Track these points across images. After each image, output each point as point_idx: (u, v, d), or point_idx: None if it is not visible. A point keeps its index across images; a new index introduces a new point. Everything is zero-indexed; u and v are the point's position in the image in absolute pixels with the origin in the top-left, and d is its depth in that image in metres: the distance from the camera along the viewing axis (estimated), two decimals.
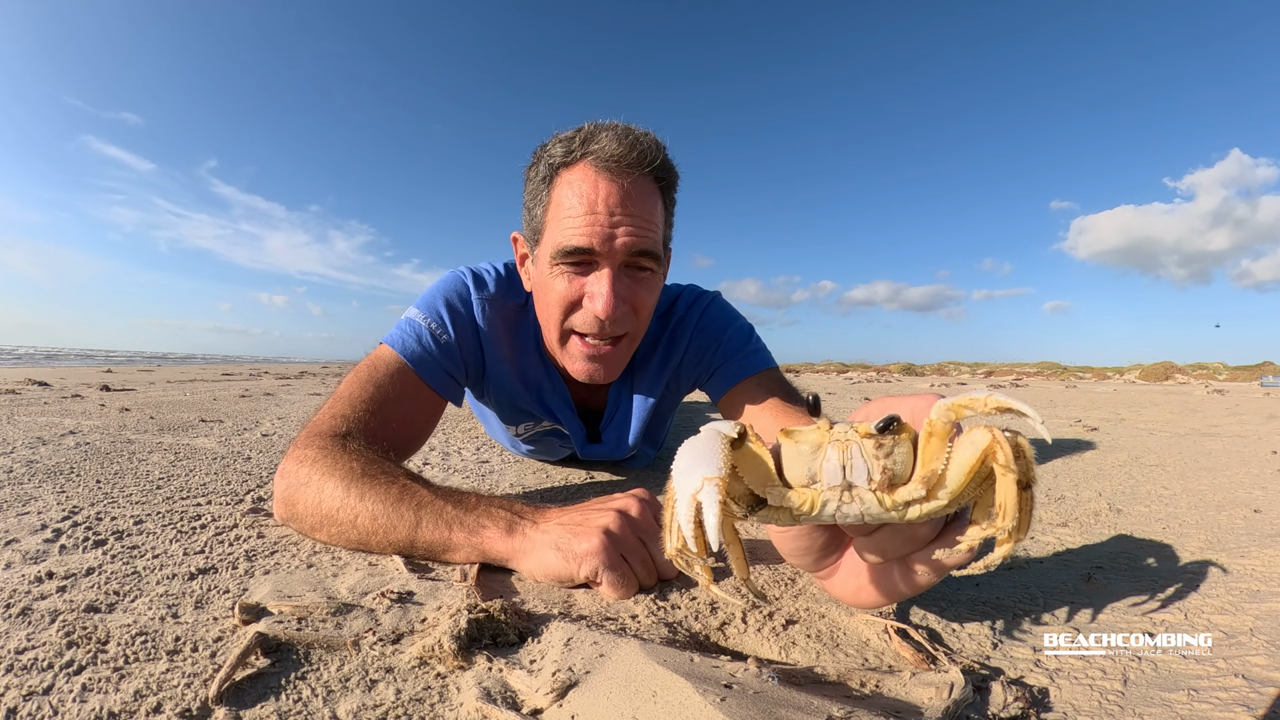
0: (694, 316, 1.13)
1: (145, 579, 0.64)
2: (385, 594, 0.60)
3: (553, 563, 0.65)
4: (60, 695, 0.43)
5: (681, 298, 1.16)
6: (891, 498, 0.42)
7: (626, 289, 0.93)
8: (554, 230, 0.92)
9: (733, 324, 1.13)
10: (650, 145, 0.91)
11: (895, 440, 0.42)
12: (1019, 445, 0.40)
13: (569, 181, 0.91)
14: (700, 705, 0.39)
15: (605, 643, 0.50)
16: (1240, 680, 0.47)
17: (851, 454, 0.42)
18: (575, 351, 0.98)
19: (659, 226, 0.94)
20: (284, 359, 45.41)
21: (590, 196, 0.89)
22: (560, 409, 1.15)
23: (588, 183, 0.89)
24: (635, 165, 0.89)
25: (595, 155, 0.89)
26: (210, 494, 1.01)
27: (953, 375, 16.96)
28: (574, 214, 0.89)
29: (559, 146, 0.93)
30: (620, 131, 0.91)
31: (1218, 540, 0.86)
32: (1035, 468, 0.41)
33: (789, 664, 0.50)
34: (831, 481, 0.43)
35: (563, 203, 0.91)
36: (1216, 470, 1.45)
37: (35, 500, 0.93)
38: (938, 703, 0.44)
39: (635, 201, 0.90)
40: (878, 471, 0.42)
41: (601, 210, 0.88)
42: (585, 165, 0.90)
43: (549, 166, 0.94)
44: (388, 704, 0.43)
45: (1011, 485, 0.40)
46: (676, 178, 0.99)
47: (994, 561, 0.42)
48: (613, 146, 0.88)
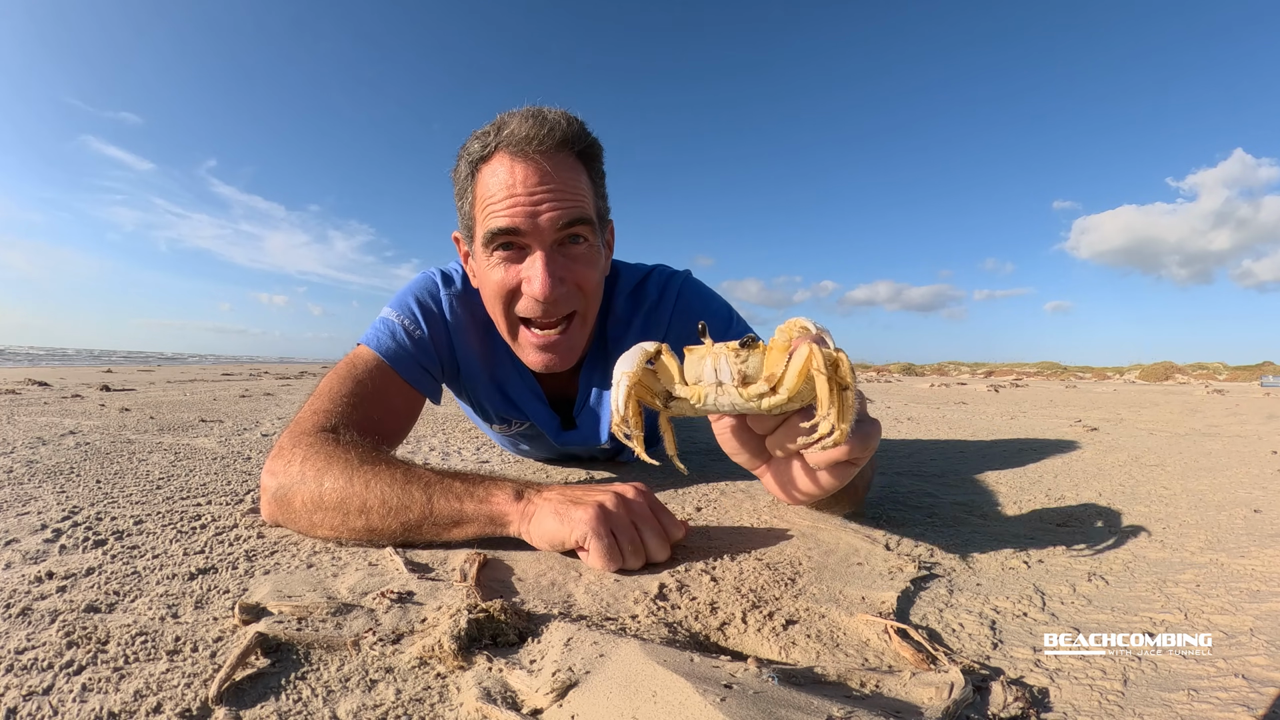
0: (670, 298, 1.12)
1: (145, 579, 0.64)
2: (385, 594, 0.60)
3: (550, 526, 0.71)
4: (60, 695, 0.43)
5: (652, 278, 1.15)
6: (747, 391, 0.60)
7: (562, 267, 0.93)
8: (481, 221, 0.94)
9: (709, 305, 1.14)
10: (560, 120, 0.92)
11: (750, 352, 0.60)
12: (836, 357, 0.56)
13: (490, 172, 0.93)
14: (700, 705, 0.39)
15: (605, 643, 0.50)
16: (1240, 680, 0.47)
17: (720, 362, 0.60)
18: (526, 343, 0.99)
19: (586, 196, 0.95)
20: (287, 359, 45.41)
21: (508, 180, 0.91)
22: (528, 401, 1.15)
23: (504, 168, 0.91)
24: (548, 142, 0.90)
25: (507, 141, 0.91)
26: (210, 494, 1.01)
27: (952, 375, 16.96)
28: (495, 199, 0.91)
29: (475, 143, 0.95)
30: (529, 113, 0.92)
31: (1218, 540, 0.86)
32: (852, 375, 0.56)
33: (789, 664, 0.50)
34: (708, 380, 0.61)
35: (485, 193, 0.93)
36: (1216, 470, 1.45)
37: (35, 500, 0.93)
38: (938, 703, 0.44)
39: (555, 177, 0.91)
40: (736, 373, 0.60)
41: (521, 191, 0.90)
42: (501, 154, 0.92)
43: (469, 164, 0.96)
44: (388, 704, 0.43)
45: (824, 383, 0.55)
46: (599, 149, 0.99)
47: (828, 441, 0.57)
48: (523, 129, 0.90)
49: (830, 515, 0.94)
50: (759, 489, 1.16)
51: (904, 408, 3.52)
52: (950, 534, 0.89)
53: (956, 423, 2.63)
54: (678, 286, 1.13)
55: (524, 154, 0.90)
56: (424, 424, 1.96)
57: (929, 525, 0.93)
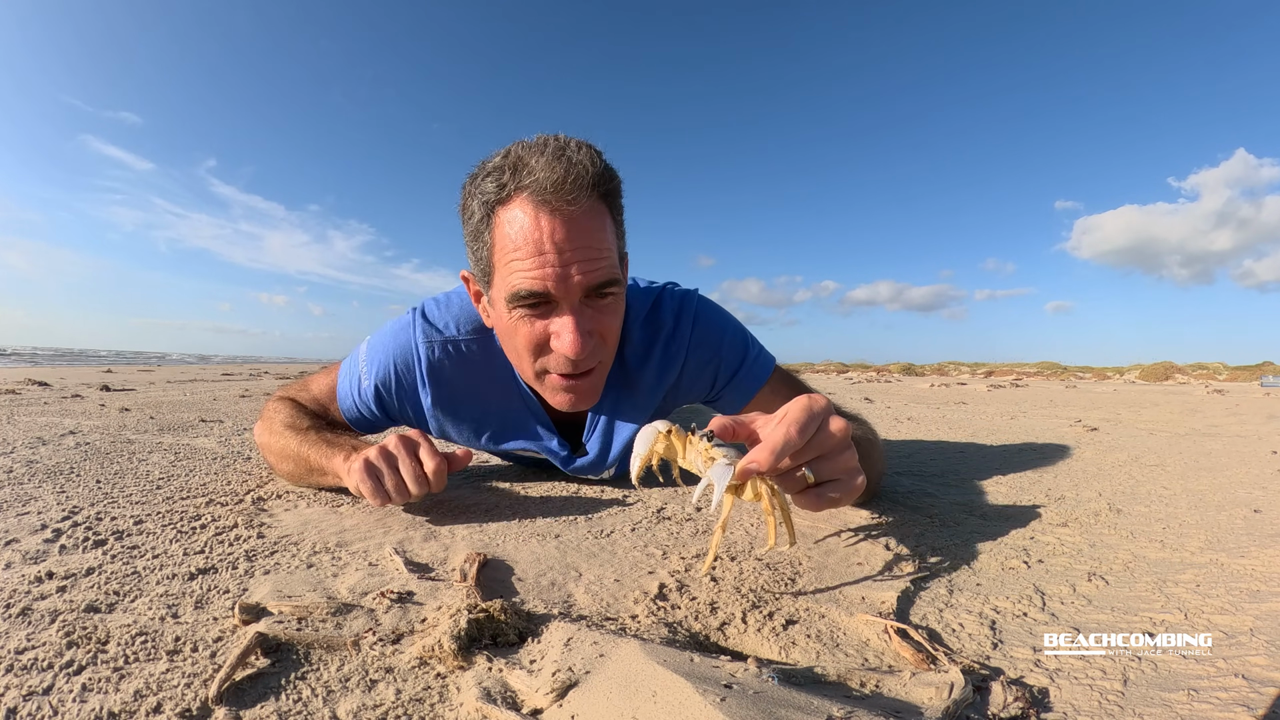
0: (686, 326, 1.07)
1: (145, 579, 0.64)
2: (385, 594, 0.60)
3: (348, 481, 0.90)
4: (60, 695, 0.43)
5: (665, 303, 1.09)
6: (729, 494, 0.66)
7: (591, 321, 0.89)
8: (504, 274, 0.87)
9: (725, 333, 1.09)
10: (584, 160, 0.83)
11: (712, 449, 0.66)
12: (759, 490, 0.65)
13: (509, 220, 0.85)
14: (700, 705, 0.39)
15: (605, 643, 0.50)
16: (1240, 680, 0.47)
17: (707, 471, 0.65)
18: (553, 386, 0.96)
19: (612, 249, 0.89)
20: (287, 359, 45.38)
21: (534, 236, 0.83)
22: (536, 432, 1.12)
23: (529, 219, 0.83)
24: (575, 190, 0.81)
25: (532, 188, 0.82)
26: (210, 494, 1.01)
27: (952, 375, 16.97)
28: (520, 256, 0.84)
29: (489, 181, 0.86)
30: (552, 154, 0.83)
31: (1218, 540, 0.86)
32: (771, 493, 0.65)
33: (789, 664, 0.50)
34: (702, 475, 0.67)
35: (506, 244, 0.85)
36: (1216, 470, 1.45)
37: (35, 500, 0.93)
38: (938, 703, 0.44)
39: (582, 231, 0.84)
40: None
41: (549, 250, 0.82)
42: (523, 200, 0.83)
43: (484, 205, 0.87)
44: (388, 704, 0.43)
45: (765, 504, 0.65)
46: (619, 183, 0.92)
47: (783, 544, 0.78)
48: (548, 175, 0.81)
49: (830, 516, 0.94)
50: None
51: (904, 408, 3.52)
52: (950, 534, 0.89)
53: (956, 423, 2.63)
54: (692, 312, 1.08)
55: (548, 204, 0.82)
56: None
57: (929, 525, 0.93)
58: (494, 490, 1.14)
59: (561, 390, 0.96)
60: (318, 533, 0.83)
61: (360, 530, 0.85)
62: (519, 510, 0.99)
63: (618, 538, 0.85)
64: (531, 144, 0.87)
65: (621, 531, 0.88)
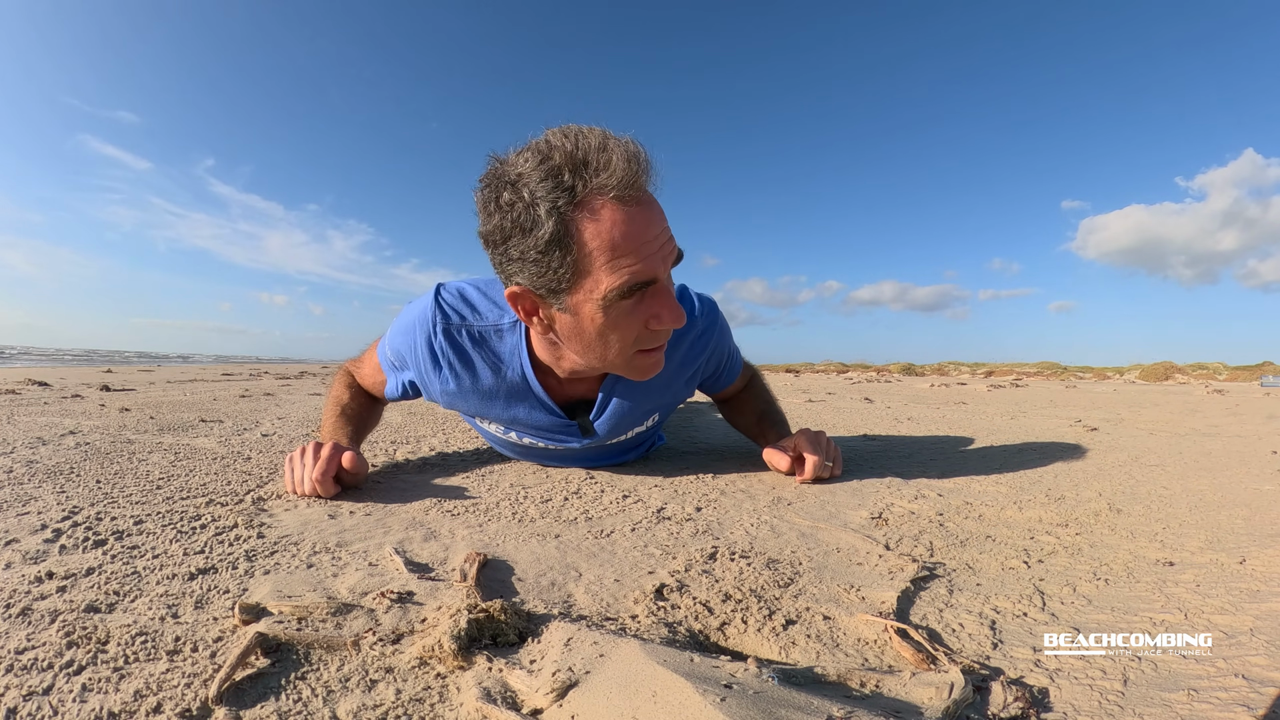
0: (713, 333, 1.23)
1: (145, 579, 0.64)
2: (385, 594, 0.60)
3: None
4: (60, 695, 0.43)
5: (693, 301, 1.23)
6: None
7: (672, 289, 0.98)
8: (606, 273, 0.87)
9: (728, 337, 1.30)
10: (636, 148, 0.88)
11: None
12: None
13: (600, 220, 0.85)
14: (700, 705, 0.39)
15: (605, 643, 0.50)
16: (1240, 680, 0.47)
17: None
18: (641, 362, 1.01)
19: None
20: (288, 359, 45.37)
21: (635, 231, 0.86)
22: (543, 419, 1.18)
23: (625, 217, 0.85)
24: (644, 177, 0.88)
25: (617, 187, 0.84)
26: (210, 494, 1.01)
27: (952, 375, 16.96)
28: (627, 252, 0.86)
29: (552, 189, 0.83)
30: (617, 148, 0.84)
31: (1218, 540, 0.86)
32: None
33: (789, 664, 0.50)
34: None
35: (605, 246, 0.85)
36: (1216, 470, 1.45)
37: (35, 500, 0.93)
38: (938, 703, 0.44)
39: (660, 213, 0.91)
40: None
41: (651, 239, 0.88)
42: (609, 199, 0.84)
43: (555, 214, 0.84)
44: (388, 704, 0.43)
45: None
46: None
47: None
48: (625, 170, 0.83)
49: (830, 516, 0.94)
50: (759, 489, 1.17)
51: (904, 408, 3.52)
52: (950, 534, 0.89)
53: (956, 422, 2.63)
54: (713, 318, 1.24)
55: (635, 198, 0.86)
56: (424, 424, 1.97)
57: (929, 525, 0.93)
58: (494, 490, 1.14)
59: (650, 362, 1.02)
60: (318, 533, 0.83)
61: (360, 530, 0.85)
62: (519, 510, 0.99)
63: (618, 538, 0.85)
64: (578, 140, 0.85)
65: (621, 531, 0.88)
